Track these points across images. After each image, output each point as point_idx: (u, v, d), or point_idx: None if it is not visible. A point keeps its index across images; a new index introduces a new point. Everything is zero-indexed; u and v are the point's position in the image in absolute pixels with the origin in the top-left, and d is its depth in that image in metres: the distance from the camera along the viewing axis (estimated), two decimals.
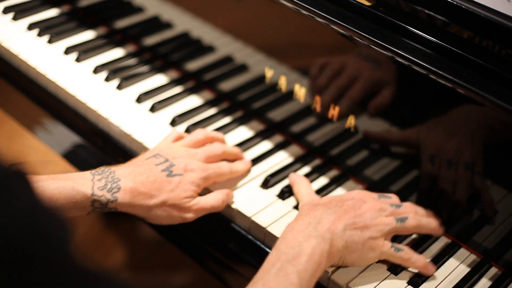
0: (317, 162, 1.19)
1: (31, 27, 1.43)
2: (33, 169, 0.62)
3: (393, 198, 1.04)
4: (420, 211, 1.03)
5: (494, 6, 0.95)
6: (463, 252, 1.06)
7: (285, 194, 1.12)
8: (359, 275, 0.99)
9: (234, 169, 1.11)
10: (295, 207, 1.10)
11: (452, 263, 1.04)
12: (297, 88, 1.17)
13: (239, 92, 1.28)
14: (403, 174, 1.10)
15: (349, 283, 0.98)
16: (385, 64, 1.02)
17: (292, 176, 1.13)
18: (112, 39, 1.43)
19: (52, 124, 1.33)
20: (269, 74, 1.21)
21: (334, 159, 1.18)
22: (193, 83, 1.33)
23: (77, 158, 1.32)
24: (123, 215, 1.03)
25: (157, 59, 1.38)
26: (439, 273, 1.02)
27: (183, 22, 1.34)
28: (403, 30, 1.01)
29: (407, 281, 1.00)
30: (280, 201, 1.11)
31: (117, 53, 1.40)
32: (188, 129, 1.22)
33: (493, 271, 1.03)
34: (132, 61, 1.37)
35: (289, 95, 1.19)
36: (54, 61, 1.35)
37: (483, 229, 1.05)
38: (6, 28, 1.42)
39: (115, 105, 1.26)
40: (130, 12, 1.43)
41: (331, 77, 1.11)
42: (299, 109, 1.19)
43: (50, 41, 1.40)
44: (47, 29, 1.42)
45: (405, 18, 1.02)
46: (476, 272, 1.03)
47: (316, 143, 1.20)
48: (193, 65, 1.34)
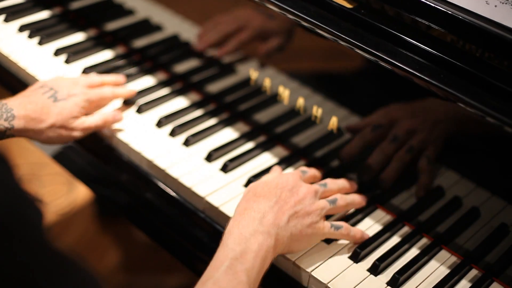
0: (301, 163, 1.20)
1: (22, 28, 1.44)
2: None
3: (312, 171, 1.11)
4: (339, 182, 1.10)
5: (474, 9, 0.97)
6: (443, 254, 1.06)
7: None
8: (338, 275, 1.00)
9: (116, 92, 1.24)
10: None
11: (432, 264, 1.05)
12: (281, 90, 1.18)
13: (225, 93, 1.29)
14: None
15: (328, 283, 0.99)
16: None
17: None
18: (101, 41, 1.44)
19: None
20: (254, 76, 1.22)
21: (318, 161, 1.19)
22: (181, 85, 1.34)
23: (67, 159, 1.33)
24: (117, 217, 1.06)
25: (146, 61, 1.39)
26: (419, 274, 1.03)
27: (173, 25, 1.35)
28: (384, 32, 1.02)
29: (386, 282, 1.00)
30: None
31: (106, 55, 1.41)
32: (173, 130, 1.22)
33: (473, 272, 1.04)
34: (121, 63, 1.38)
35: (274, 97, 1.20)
36: (44, 63, 1.36)
37: (465, 232, 1.06)
38: None
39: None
40: (120, 14, 1.45)
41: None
42: (284, 111, 1.20)
43: (40, 43, 1.41)
44: (38, 30, 1.43)
45: (387, 21, 1.03)
46: (456, 273, 1.03)
47: (300, 144, 1.21)
48: (181, 67, 1.35)
